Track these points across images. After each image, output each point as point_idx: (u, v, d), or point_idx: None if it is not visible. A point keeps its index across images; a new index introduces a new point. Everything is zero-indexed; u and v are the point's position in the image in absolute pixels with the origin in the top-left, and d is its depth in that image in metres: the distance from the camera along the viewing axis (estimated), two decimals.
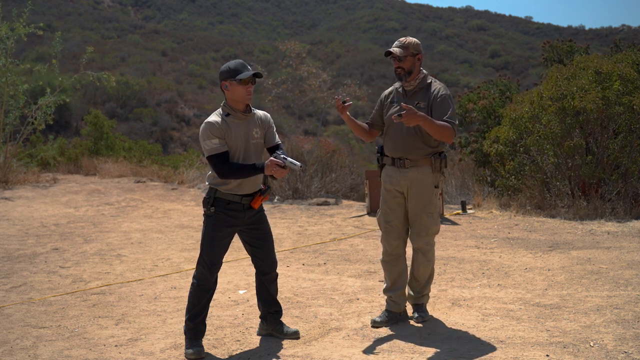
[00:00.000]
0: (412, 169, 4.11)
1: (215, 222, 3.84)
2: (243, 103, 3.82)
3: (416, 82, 4.13)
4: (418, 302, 4.31)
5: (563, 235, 6.90)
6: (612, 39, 15.41)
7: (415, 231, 4.17)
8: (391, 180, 4.19)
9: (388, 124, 4.20)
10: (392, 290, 4.28)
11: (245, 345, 4.01)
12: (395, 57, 4.09)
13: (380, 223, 4.30)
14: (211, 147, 3.73)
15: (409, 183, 4.12)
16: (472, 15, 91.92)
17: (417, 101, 4.10)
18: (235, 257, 6.46)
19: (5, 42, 12.95)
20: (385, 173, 4.25)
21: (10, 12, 13.97)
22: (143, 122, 36.94)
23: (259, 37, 77.51)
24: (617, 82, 8.11)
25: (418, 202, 4.12)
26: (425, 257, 4.20)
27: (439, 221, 4.21)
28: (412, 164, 4.11)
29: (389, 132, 4.21)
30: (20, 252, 7.15)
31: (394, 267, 4.29)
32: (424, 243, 4.18)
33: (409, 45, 4.08)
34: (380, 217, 4.30)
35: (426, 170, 4.11)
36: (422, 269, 4.23)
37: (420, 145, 4.08)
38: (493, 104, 11.77)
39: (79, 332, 4.40)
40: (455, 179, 12.14)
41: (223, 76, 3.80)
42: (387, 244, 4.27)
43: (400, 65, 4.09)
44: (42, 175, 14.10)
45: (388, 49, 4.11)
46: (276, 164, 3.66)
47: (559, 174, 8.50)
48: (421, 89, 4.14)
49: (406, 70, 4.09)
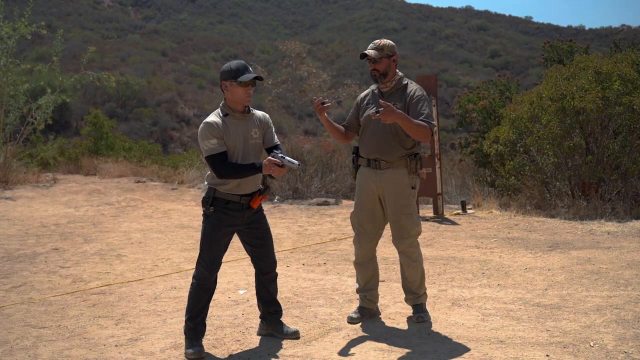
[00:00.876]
0: (387, 171, 4.12)
1: (214, 221, 3.84)
2: (242, 104, 3.82)
3: (392, 83, 4.16)
4: (417, 302, 4.31)
5: (563, 235, 6.90)
6: (612, 39, 15.42)
7: (397, 234, 4.15)
8: (367, 181, 4.18)
9: (364, 125, 4.20)
10: (365, 290, 4.35)
11: (245, 345, 4.01)
12: (371, 60, 4.10)
13: (354, 225, 4.30)
14: (210, 147, 3.73)
15: (385, 185, 4.12)
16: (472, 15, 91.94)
17: (393, 102, 4.11)
18: (235, 257, 6.46)
19: (6, 41, 12.95)
20: (361, 174, 4.25)
21: (12, 12, 13.97)
22: (143, 122, 36.95)
23: (259, 37, 77.50)
24: (617, 82, 8.11)
25: (395, 204, 4.11)
26: (411, 259, 4.18)
27: (419, 222, 4.20)
28: (387, 165, 4.12)
29: (364, 133, 4.21)
30: (20, 252, 7.15)
31: (366, 269, 4.32)
32: (407, 245, 4.16)
33: (383, 47, 4.10)
34: (353, 219, 4.30)
35: (402, 171, 4.12)
36: (411, 271, 4.22)
37: (396, 147, 4.09)
38: (493, 104, 11.78)
39: (79, 332, 4.40)
40: (455, 179, 12.15)
41: (224, 76, 3.80)
42: (359, 247, 4.28)
43: (376, 67, 4.11)
44: (42, 175, 14.09)
45: (363, 52, 4.12)
46: (274, 163, 3.66)
47: (558, 174, 8.50)
48: (397, 90, 4.16)
49: (381, 72, 4.11)
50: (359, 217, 4.25)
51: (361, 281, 4.37)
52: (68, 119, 34.62)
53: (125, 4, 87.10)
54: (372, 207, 4.21)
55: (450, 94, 43.30)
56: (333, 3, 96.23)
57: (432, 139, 8.60)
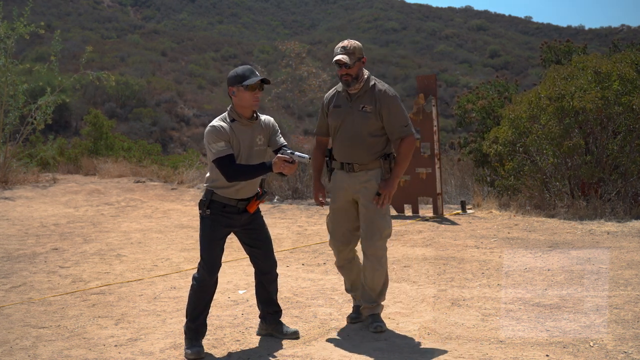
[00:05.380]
0: (361, 173, 4.09)
1: (211, 222, 3.84)
2: (250, 109, 3.80)
3: (360, 85, 4.10)
4: (375, 312, 4.18)
5: (563, 235, 6.90)
6: (612, 39, 15.43)
7: (369, 235, 4.06)
8: (341, 184, 4.15)
9: (334, 129, 4.16)
10: (354, 290, 4.34)
11: (245, 345, 4.01)
12: (342, 65, 4.02)
13: (329, 228, 4.27)
14: (218, 149, 3.71)
15: (360, 187, 4.09)
16: (471, 15, 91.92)
17: (362, 105, 4.07)
18: (235, 257, 6.46)
19: (5, 41, 12.94)
20: (335, 177, 4.21)
21: (10, 12, 13.95)
22: (143, 122, 36.91)
23: (259, 37, 77.46)
24: (617, 82, 8.11)
25: (369, 205, 4.07)
26: (379, 263, 4.07)
27: (391, 223, 4.15)
28: (361, 168, 4.09)
29: (336, 138, 4.17)
30: (20, 252, 7.15)
31: (350, 270, 4.31)
32: (377, 247, 4.05)
33: (354, 51, 4.03)
34: (329, 222, 4.27)
35: (376, 172, 4.10)
36: (377, 276, 4.09)
37: (368, 150, 4.07)
38: (492, 104, 11.79)
39: (79, 332, 4.40)
40: (454, 179, 12.14)
41: (230, 82, 3.79)
42: (336, 250, 4.26)
43: (348, 72, 4.03)
44: (41, 175, 14.08)
45: (337, 58, 4.01)
46: (284, 160, 3.64)
47: (558, 174, 8.50)
48: (366, 91, 4.10)
49: (354, 77, 4.05)
50: (335, 221, 4.22)
51: (348, 282, 4.36)
52: (68, 119, 34.58)
53: (125, 4, 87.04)
54: (349, 210, 4.18)
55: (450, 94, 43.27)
56: (333, 3, 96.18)
57: (432, 139, 8.61)
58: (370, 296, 4.15)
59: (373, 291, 4.13)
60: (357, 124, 4.06)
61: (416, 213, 8.75)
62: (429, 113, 8.63)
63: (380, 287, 4.14)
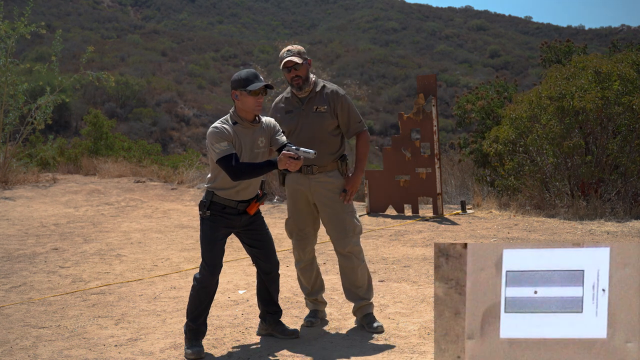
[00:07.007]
0: (320, 175, 4.12)
1: (212, 223, 3.85)
2: (252, 113, 3.82)
3: (310, 87, 4.14)
4: (368, 311, 4.18)
5: (563, 235, 6.90)
6: (612, 39, 15.43)
7: (342, 235, 4.08)
8: (299, 187, 4.17)
9: (288, 133, 4.17)
10: (314, 293, 4.32)
11: (245, 345, 4.02)
12: (291, 66, 4.05)
13: (292, 232, 4.26)
14: (221, 149, 3.72)
15: (319, 189, 4.12)
16: (471, 15, 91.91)
17: (316, 106, 4.11)
18: (235, 257, 6.46)
19: (5, 41, 12.94)
20: (291, 180, 4.21)
21: (11, 11, 13.96)
22: (143, 122, 36.90)
23: (259, 37, 77.46)
24: (617, 82, 8.12)
25: (335, 205, 4.10)
26: (359, 259, 4.11)
27: (359, 220, 4.19)
28: (320, 170, 4.12)
29: (292, 141, 4.17)
30: (20, 252, 7.15)
31: (310, 272, 4.30)
32: (353, 245, 4.09)
33: (301, 52, 4.08)
34: (292, 226, 4.26)
35: (335, 173, 4.14)
36: (360, 271, 4.12)
37: (325, 152, 4.09)
38: (491, 105, 11.79)
39: (79, 332, 4.40)
40: (454, 179, 12.15)
41: (234, 85, 3.80)
42: (301, 252, 4.25)
43: (298, 74, 4.07)
44: (41, 175, 14.08)
45: (288, 59, 4.04)
46: (289, 157, 3.65)
47: (558, 174, 8.51)
48: (316, 93, 4.15)
49: (303, 78, 4.09)
50: (299, 223, 4.22)
51: (308, 285, 4.32)
52: (68, 118, 34.57)
53: (125, 4, 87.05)
54: (310, 211, 4.21)
55: (449, 94, 43.24)
56: (333, 3, 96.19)
57: (432, 139, 8.62)
58: (358, 294, 4.16)
59: (360, 288, 4.15)
60: (314, 125, 4.10)
61: (416, 213, 8.75)
62: (429, 113, 8.64)
63: (366, 283, 4.17)
